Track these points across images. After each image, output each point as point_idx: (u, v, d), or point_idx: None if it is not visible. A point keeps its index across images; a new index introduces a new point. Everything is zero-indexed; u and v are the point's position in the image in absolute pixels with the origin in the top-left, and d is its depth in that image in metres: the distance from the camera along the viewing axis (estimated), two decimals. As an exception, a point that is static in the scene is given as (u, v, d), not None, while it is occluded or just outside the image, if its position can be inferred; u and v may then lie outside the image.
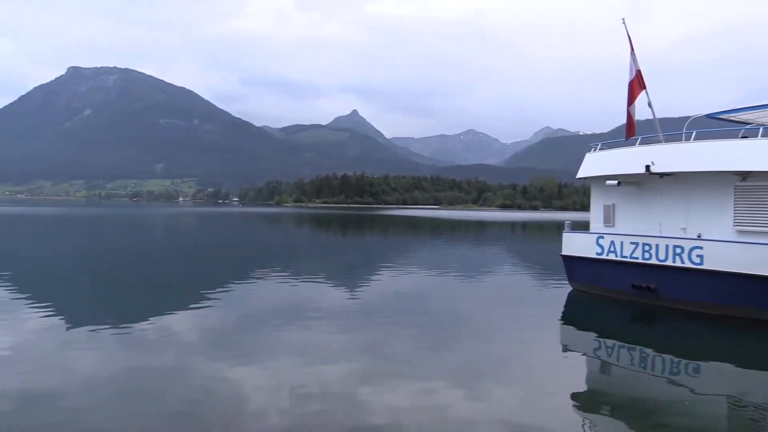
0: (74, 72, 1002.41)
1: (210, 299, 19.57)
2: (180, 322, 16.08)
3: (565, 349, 14.80)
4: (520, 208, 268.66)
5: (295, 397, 10.10)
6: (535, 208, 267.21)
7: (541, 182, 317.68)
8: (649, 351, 14.08)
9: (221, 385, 10.65)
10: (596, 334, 16.11)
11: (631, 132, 20.70)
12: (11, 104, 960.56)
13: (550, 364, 12.86)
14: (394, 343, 14.12)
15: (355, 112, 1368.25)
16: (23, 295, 19.80)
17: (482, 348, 13.80)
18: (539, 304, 20.71)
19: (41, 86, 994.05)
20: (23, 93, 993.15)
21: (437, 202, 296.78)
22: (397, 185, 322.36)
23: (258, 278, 25.20)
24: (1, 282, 22.78)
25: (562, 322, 17.90)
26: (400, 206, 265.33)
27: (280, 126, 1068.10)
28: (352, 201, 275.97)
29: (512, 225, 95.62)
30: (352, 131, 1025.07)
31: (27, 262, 31.68)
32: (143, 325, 15.42)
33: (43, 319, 15.95)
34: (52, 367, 11.60)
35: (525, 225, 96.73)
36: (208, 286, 22.48)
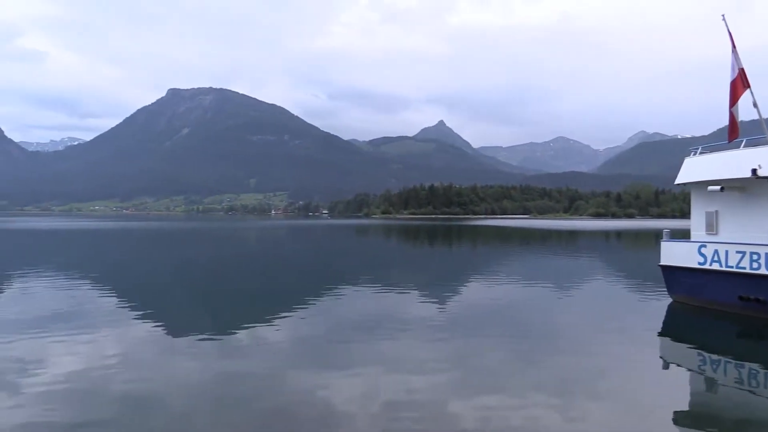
0: (173, 93, 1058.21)
1: (301, 309, 20.03)
2: (272, 331, 16.49)
3: (666, 364, 14.02)
4: (614, 216, 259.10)
5: (384, 406, 10.13)
6: (630, 216, 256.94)
7: (637, 189, 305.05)
8: (758, 368, 13.12)
9: (312, 394, 10.85)
10: (699, 349, 15.15)
11: (734, 134, 19.49)
12: (118, 126, 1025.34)
13: (649, 380, 12.19)
14: (483, 354, 13.89)
15: (441, 122, 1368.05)
16: (129, 305, 21.09)
17: (576, 362, 13.31)
18: (637, 316, 19.73)
19: (144, 108, 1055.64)
20: (128, 115, 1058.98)
21: (527, 212, 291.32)
22: (485, 195, 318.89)
23: (347, 288, 25.54)
24: (110, 292, 24.39)
25: (662, 335, 17.02)
26: (488, 216, 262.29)
27: (367, 139, 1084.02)
28: (439, 212, 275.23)
29: (606, 234, 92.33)
30: (438, 142, 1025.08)
31: (132, 274, 33.67)
32: (238, 333, 15.97)
33: (146, 327, 16.88)
34: (155, 373, 12.22)
35: (620, 234, 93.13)
36: (298, 296, 23.05)
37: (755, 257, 17.91)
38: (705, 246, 19.81)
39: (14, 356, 13.35)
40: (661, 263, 21.93)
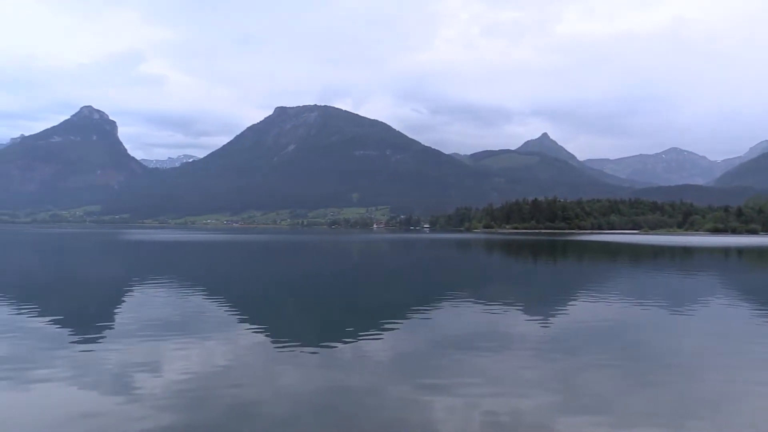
0: (280, 111, 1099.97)
1: (402, 323, 20.11)
2: (374, 344, 16.62)
3: (796, 393, 12.86)
4: (734, 232, 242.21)
5: (486, 426, 9.94)
6: (753, 232, 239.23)
7: (761, 202, 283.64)
8: None
9: (413, 408, 10.81)
10: (836, 378, 13.80)
11: None
12: (228, 143, 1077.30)
13: (778, 410, 11.24)
14: (590, 376, 13.32)
15: (545, 135, 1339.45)
16: (238, 314, 22.08)
17: (691, 388, 12.49)
18: (763, 339, 18.30)
19: (253, 126, 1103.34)
20: (238, 133, 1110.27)
21: (636, 227, 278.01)
22: (591, 209, 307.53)
23: (448, 303, 25.34)
24: (220, 302, 25.55)
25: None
26: (595, 231, 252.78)
27: (469, 153, 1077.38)
28: (543, 226, 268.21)
29: (725, 251, 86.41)
30: (542, 155, 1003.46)
31: (241, 284, 35.14)
32: (340, 346, 16.20)
33: (253, 336, 17.54)
34: (260, 381, 12.64)
35: (741, 251, 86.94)
36: (400, 310, 23.14)
37: None
38: None
39: (134, 359, 14.29)
40: None
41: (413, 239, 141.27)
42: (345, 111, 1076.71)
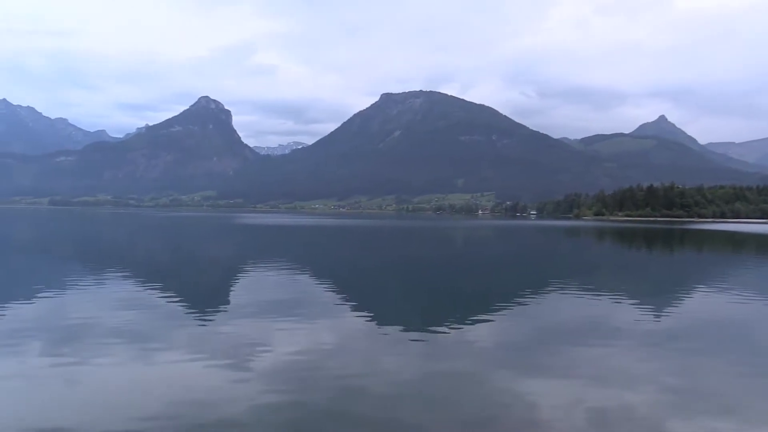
0: (386, 98, 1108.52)
1: (506, 310, 19.80)
2: (478, 331, 16.48)
3: None
4: None
5: (592, 419, 9.64)
6: None
7: None
8: None
9: (515, 398, 10.66)
10: None
11: None
12: (336, 130, 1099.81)
13: None
14: (708, 374, 12.55)
15: (662, 117, 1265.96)
16: (344, 297, 22.64)
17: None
18: None
19: (359, 113, 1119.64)
20: (345, 120, 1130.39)
21: (766, 216, 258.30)
22: (713, 196, 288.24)
23: (555, 291, 24.67)
24: (327, 285, 26.36)
25: None
26: (717, 220, 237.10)
27: (579, 137, 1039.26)
28: (659, 214, 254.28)
29: None
30: (658, 138, 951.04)
31: (348, 268, 35.96)
32: (444, 332, 16.19)
33: (359, 320, 17.93)
34: (365, 364, 12.87)
35: None
36: (504, 298, 22.80)
37: None
38: None
39: (246, 337, 15.01)
40: None
41: (519, 226, 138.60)
42: (451, 96, 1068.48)
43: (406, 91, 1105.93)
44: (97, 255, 43.98)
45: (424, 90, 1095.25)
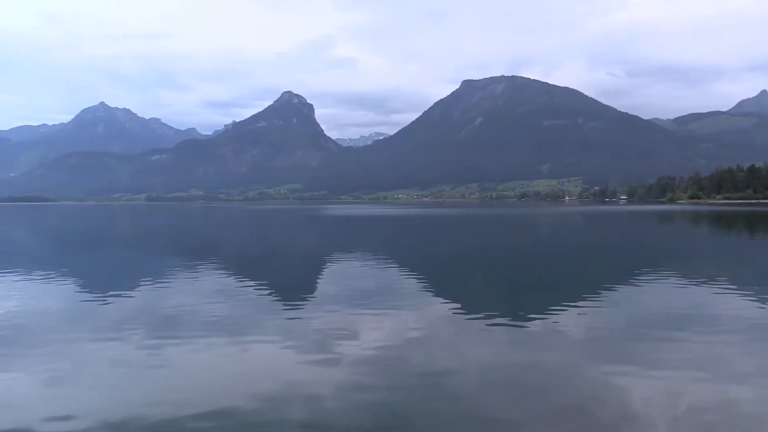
0: (467, 85, 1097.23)
1: (596, 299, 19.15)
2: (567, 321, 16.04)
3: None
4: None
5: (691, 414, 9.24)
6: None
7: None
8: None
9: (607, 390, 10.31)
10: None
11: None
12: (417, 119, 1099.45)
13: None
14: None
15: (764, 93, 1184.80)
16: (428, 286, 22.65)
17: None
18: None
19: (440, 101, 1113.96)
20: (426, 108, 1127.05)
21: None
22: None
23: (647, 280, 23.60)
24: (412, 273, 26.41)
25: None
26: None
27: (671, 117, 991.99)
28: (762, 196, 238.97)
29: None
30: (759, 115, 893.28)
31: (432, 257, 35.87)
32: (531, 321, 15.88)
33: (444, 308, 17.88)
34: (451, 352, 12.84)
35: None
36: (593, 286, 22.09)
37: None
38: None
39: (333, 326, 15.27)
40: None
41: (608, 212, 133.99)
42: (534, 80, 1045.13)
43: (487, 77, 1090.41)
44: (191, 248, 45.97)
45: (505, 75, 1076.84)
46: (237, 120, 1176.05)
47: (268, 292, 21.27)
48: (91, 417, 9.20)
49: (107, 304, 18.84)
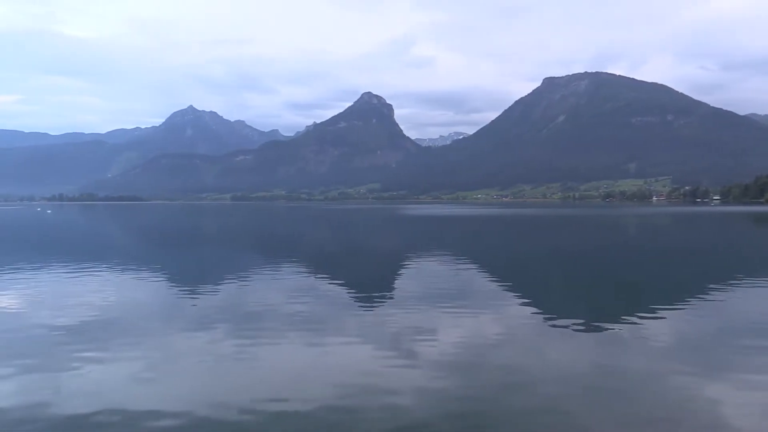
0: (548, 83, 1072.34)
1: (685, 305, 18.31)
2: (654, 326, 15.40)
3: None
4: None
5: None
6: None
7: None
8: None
9: (697, 401, 9.86)
10: None
11: None
12: (497, 118, 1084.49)
13: None
14: None
15: None
16: (508, 287, 22.26)
17: None
18: None
19: (520, 99, 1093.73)
20: (506, 107, 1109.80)
21: None
22: None
23: (741, 285, 22.33)
24: (491, 274, 26.12)
25: None
26: None
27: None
28: None
29: None
30: None
31: (512, 257, 35.35)
32: (615, 325, 15.38)
33: (523, 310, 17.57)
34: (530, 356, 12.60)
35: None
36: (682, 291, 21.15)
37: None
38: None
39: (412, 325, 15.30)
40: None
41: (699, 213, 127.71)
42: (619, 76, 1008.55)
43: (570, 73, 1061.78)
44: (275, 246, 47.29)
45: (589, 71, 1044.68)
46: (318, 121, 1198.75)
47: (348, 290, 21.58)
48: (178, 406, 9.60)
49: (195, 299, 19.73)
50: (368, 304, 18.53)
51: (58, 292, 21.31)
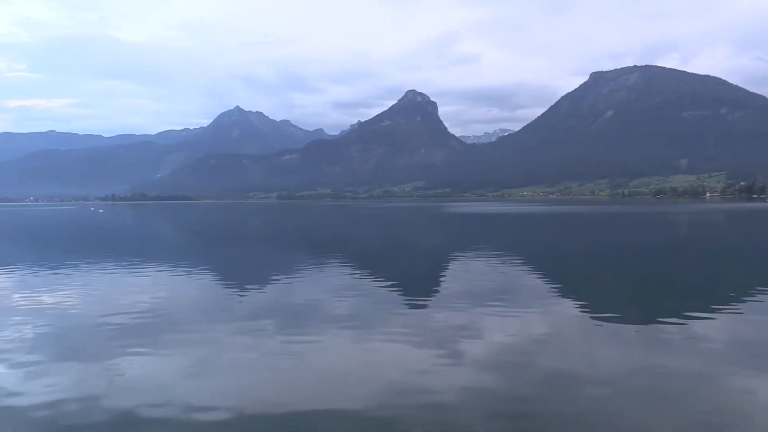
0: (596, 77, 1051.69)
1: (742, 305, 17.73)
2: (707, 326, 14.95)
3: None
4: None
5: None
6: None
7: None
8: None
9: (754, 404, 9.60)
10: None
11: None
12: (543, 114, 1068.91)
13: None
14: None
15: None
16: (555, 285, 21.94)
17: None
18: None
19: (568, 94, 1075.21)
20: (552, 103, 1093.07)
21: None
22: None
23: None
24: (537, 272, 25.81)
25: None
26: None
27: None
28: None
29: None
30: None
31: (559, 256, 34.76)
32: (666, 326, 14.94)
33: (571, 309, 17.30)
34: (578, 355, 12.38)
35: None
36: (738, 290, 20.43)
37: None
38: None
39: (457, 323, 15.22)
40: None
41: (756, 210, 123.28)
42: (670, 69, 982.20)
43: (619, 67, 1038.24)
44: (321, 244, 47.68)
45: (638, 65, 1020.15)
46: (362, 120, 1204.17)
47: (393, 288, 21.60)
48: (225, 401, 9.77)
49: (243, 296, 20.09)
50: (413, 303, 18.50)
51: (111, 289, 22.00)
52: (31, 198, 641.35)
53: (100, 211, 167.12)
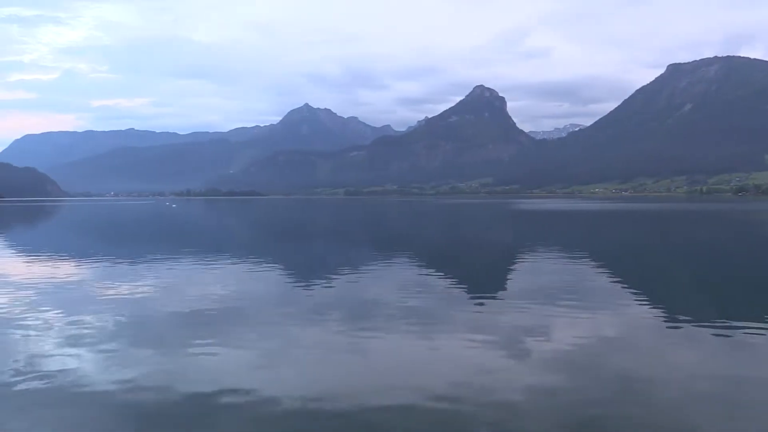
0: (673, 69, 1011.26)
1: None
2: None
3: None
4: None
5: None
6: None
7: None
8: None
9: None
10: None
11: None
12: (616, 108, 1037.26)
13: None
14: None
15: None
16: (626, 285, 21.27)
17: None
18: None
19: (642, 88, 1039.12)
20: (626, 97, 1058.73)
21: None
22: None
23: None
24: (608, 272, 24.98)
25: None
26: None
27: None
28: None
29: None
30: None
31: (631, 254, 33.54)
32: (746, 329, 14.06)
33: (643, 310, 16.60)
34: (650, 358, 11.82)
35: None
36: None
37: None
38: None
39: (524, 323, 14.87)
40: None
41: None
42: (755, 59, 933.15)
43: (697, 59, 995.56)
44: (388, 239, 47.85)
45: (719, 56, 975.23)
46: (429, 116, 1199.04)
47: (460, 285, 21.47)
48: (291, 393, 9.92)
49: (311, 290, 20.37)
50: (480, 301, 18.24)
51: (183, 281, 22.69)
52: (112, 193, 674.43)
53: (173, 206, 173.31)
